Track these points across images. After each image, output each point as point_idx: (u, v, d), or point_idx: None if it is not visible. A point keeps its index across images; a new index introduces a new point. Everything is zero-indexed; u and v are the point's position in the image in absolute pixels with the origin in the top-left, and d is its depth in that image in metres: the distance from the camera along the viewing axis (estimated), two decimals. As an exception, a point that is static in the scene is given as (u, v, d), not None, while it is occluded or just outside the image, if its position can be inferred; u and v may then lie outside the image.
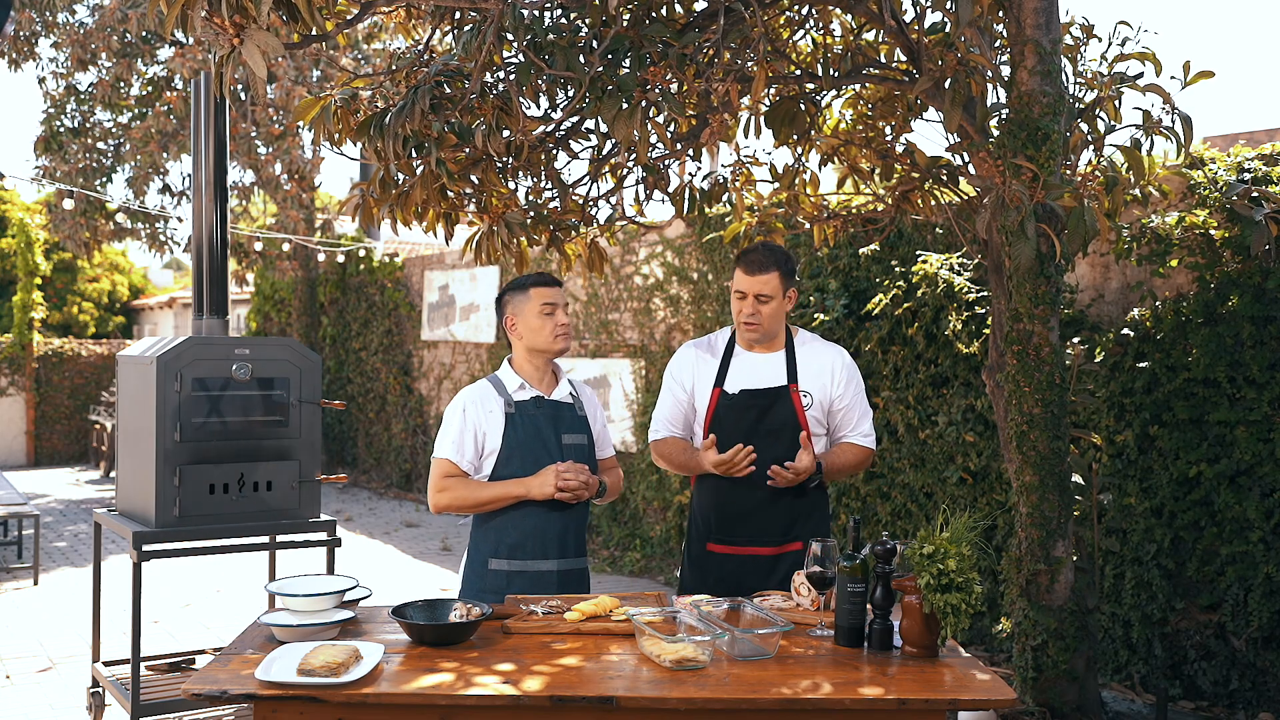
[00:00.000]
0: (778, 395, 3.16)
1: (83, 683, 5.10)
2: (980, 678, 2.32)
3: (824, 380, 3.19)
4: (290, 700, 2.19)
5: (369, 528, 9.93)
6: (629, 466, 8.33)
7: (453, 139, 3.44)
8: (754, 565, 3.16)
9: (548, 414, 3.10)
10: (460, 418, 3.05)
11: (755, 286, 3.11)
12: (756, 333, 3.17)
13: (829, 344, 3.30)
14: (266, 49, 2.79)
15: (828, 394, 3.20)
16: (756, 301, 3.13)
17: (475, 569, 3.09)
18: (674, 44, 3.41)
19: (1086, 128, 3.94)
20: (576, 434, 3.14)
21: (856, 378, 3.26)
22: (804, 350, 3.24)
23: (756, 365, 3.21)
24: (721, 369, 3.23)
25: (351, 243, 13.24)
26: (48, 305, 18.77)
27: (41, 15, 11.39)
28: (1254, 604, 4.36)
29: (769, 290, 3.11)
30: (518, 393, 3.10)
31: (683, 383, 3.29)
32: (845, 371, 3.23)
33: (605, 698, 2.17)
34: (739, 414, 3.16)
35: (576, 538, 3.13)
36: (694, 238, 7.75)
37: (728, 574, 3.17)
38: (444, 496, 3.03)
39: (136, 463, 4.30)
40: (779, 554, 3.17)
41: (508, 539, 3.04)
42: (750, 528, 3.17)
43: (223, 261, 4.48)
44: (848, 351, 3.33)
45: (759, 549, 3.17)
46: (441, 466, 3.06)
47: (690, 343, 3.37)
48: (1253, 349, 4.41)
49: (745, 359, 3.23)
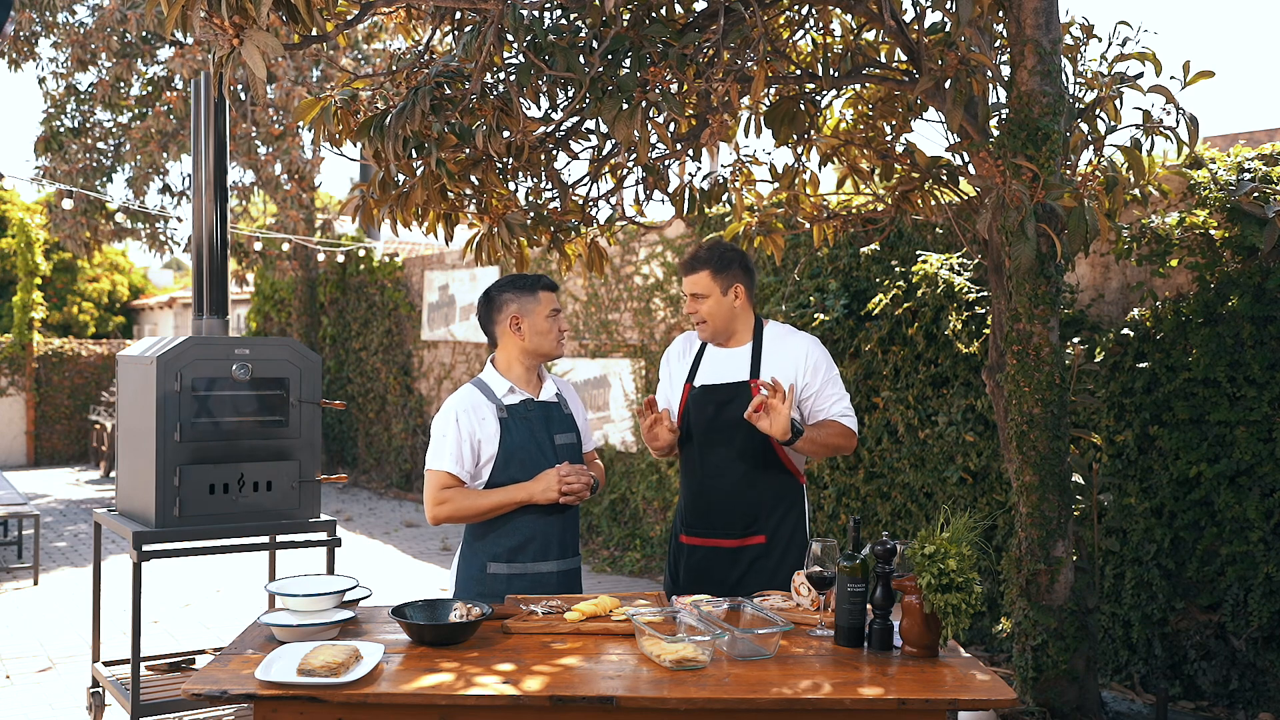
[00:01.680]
0: (736, 390, 3.19)
1: (83, 683, 5.10)
2: (980, 678, 2.32)
3: (790, 369, 3.18)
4: (290, 700, 2.19)
5: (369, 528, 9.93)
6: (629, 466, 8.33)
7: (453, 140, 3.44)
8: (716, 557, 3.19)
9: (539, 416, 3.09)
10: (454, 427, 3.00)
11: (689, 286, 3.24)
12: (704, 330, 3.27)
13: (799, 334, 3.29)
14: (266, 49, 2.79)
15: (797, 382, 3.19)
16: (694, 300, 3.23)
17: (472, 573, 3.05)
18: (674, 44, 3.41)
19: (1086, 128, 3.94)
20: (567, 433, 3.14)
21: (823, 364, 3.22)
22: (771, 344, 3.25)
23: (722, 361, 3.27)
24: (694, 365, 3.32)
25: (351, 243, 13.25)
26: (48, 305, 18.77)
27: (41, 15, 11.38)
28: (1254, 604, 4.36)
29: (701, 289, 3.21)
30: (507, 396, 3.07)
31: (671, 374, 3.40)
32: (809, 359, 3.20)
33: (605, 698, 2.17)
34: (699, 408, 3.23)
35: (572, 537, 3.14)
36: (694, 238, 7.75)
37: (694, 565, 3.23)
38: (444, 509, 2.98)
39: (136, 463, 4.30)
40: (740, 546, 3.18)
41: (507, 543, 3.02)
42: (714, 520, 3.21)
43: (223, 261, 4.48)
44: (848, 350, 3.33)
45: (721, 541, 3.20)
46: (439, 478, 2.99)
47: (682, 335, 3.47)
48: (1253, 349, 4.41)
49: (714, 355, 3.30)
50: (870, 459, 6.05)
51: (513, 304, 3.08)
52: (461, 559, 3.11)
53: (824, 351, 3.27)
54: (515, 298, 3.08)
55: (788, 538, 3.20)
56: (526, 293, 3.08)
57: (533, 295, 3.08)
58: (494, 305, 3.11)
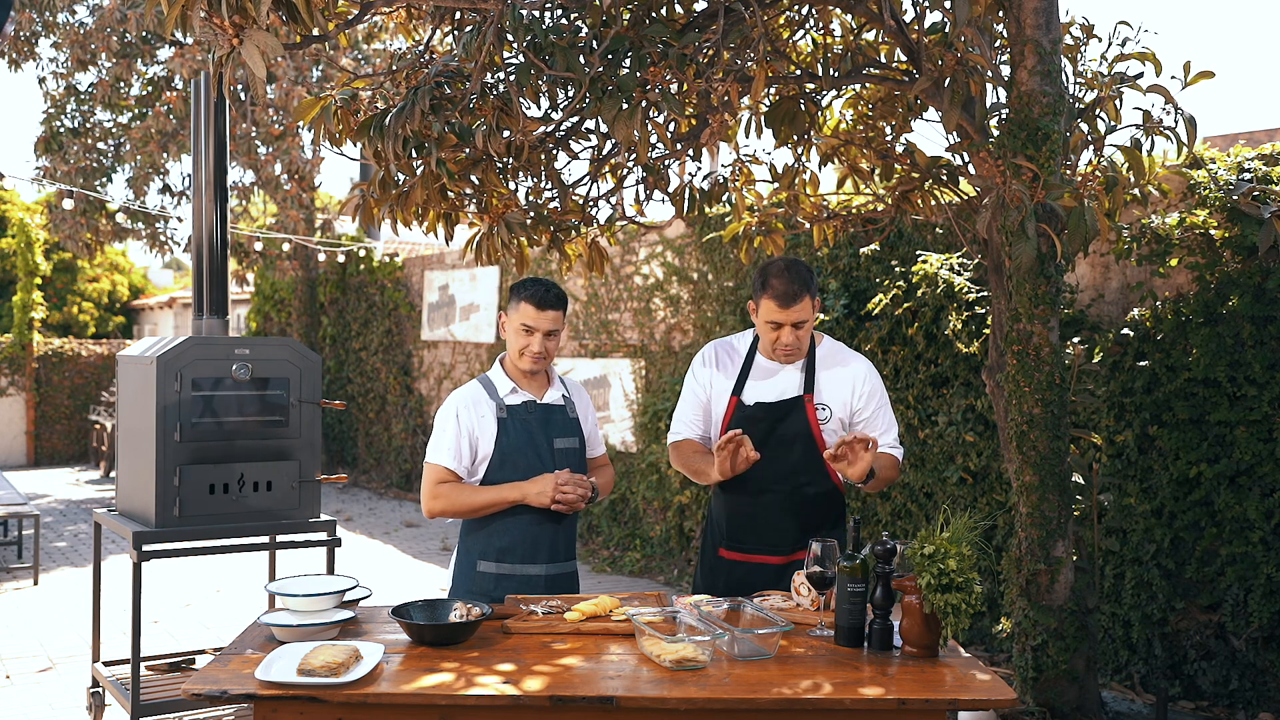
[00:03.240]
0: (791, 406, 3.10)
1: (83, 683, 5.10)
2: (980, 678, 2.32)
3: (844, 394, 3.12)
4: (290, 700, 2.19)
5: (369, 528, 9.93)
6: (629, 466, 8.33)
7: (453, 139, 3.44)
8: (762, 573, 3.13)
9: (539, 419, 3.08)
10: (454, 423, 3.02)
11: (792, 316, 3.01)
12: (794, 357, 3.11)
13: (853, 354, 3.21)
14: (266, 49, 2.79)
15: (848, 408, 3.13)
16: (794, 330, 3.03)
17: (464, 570, 3.08)
18: (674, 44, 3.41)
19: (1086, 128, 3.93)
20: (568, 438, 3.12)
21: (878, 390, 3.16)
22: (825, 360, 3.16)
23: (774, 375, 3.15)
24: (741, 378, 3.19)
25: (351, 243, 13.25)
26: (48, 305, 18.76)
27: (41, 15, 11.38)
28: (1254, 604, 4.36)
29: (804, 316, 3.02)
30: (509, 396, 3.07)
31: (705, 384, 3.25)
32: (867, 385, 3.14)
33: (605, 698, 2.17)
34: (752, 425, 3.09)
35: (566, 542, 3.11)
36: (694, 238, 7.75)
37: (737, 580, 3.15)
38: (438, 503, 3.01)
39: (136, 463, 4.30)
40: (788, 562, 3.13)
41: (497, 542, 3.03)
42: (760, 536, 3.14)
43: (223, 261, 4.47)
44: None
45: (767, 557, 3.14)
46: (436, 472, 3.02)
47: (714, 343, 3.30)
48: (1253, 349, 4.41)
49: (764, 368, 3.18)
50: (870, 459, 6.04)
51: (509, 305, 3.11)
52: (457, 556, 3.14)
53: (878, 378, 3.19)
54: (510, 298, 3.10)
55: None
56: (514, 297, 3.08)
57: (516, 303, 3.06)
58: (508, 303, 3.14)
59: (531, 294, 3.03)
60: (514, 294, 3.08)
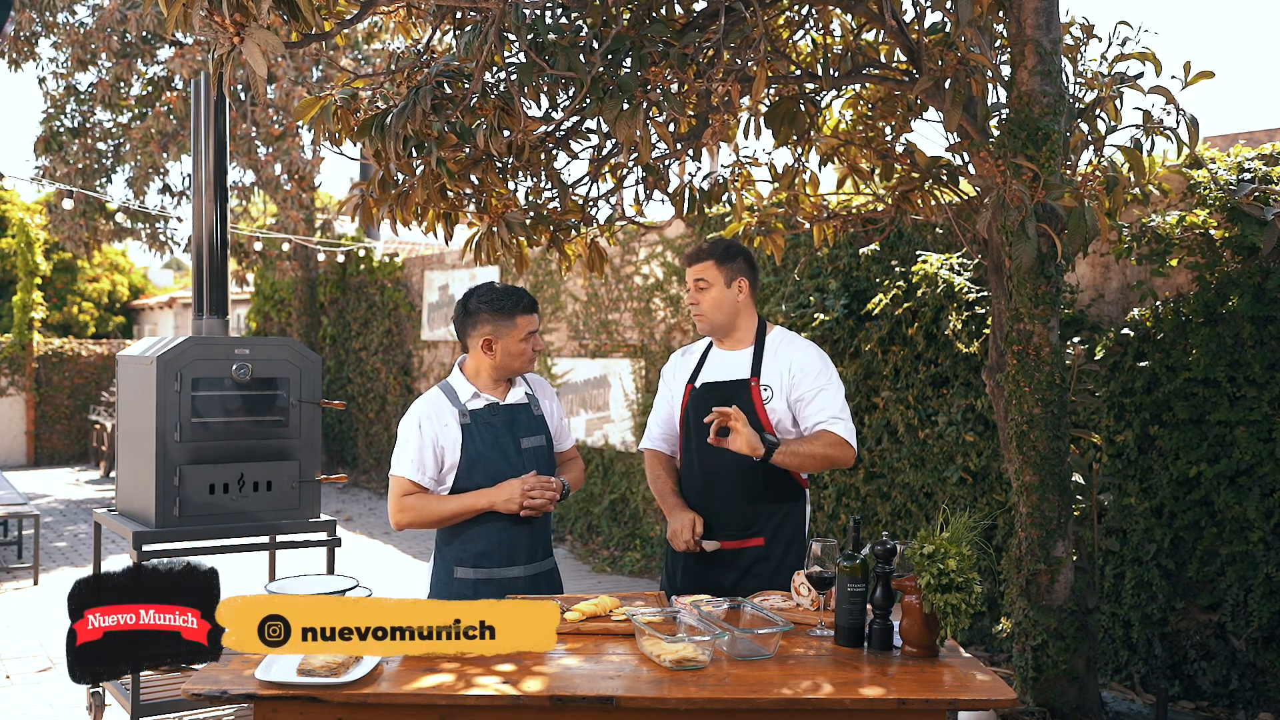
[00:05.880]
0: (737, 388, 3.19)
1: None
2: (980, 678, 2.32)
3: (783, 373, 3.18)
4: (290, 700, 2.19)
5: (369, 528, 9.93)
6: (629, 466, 8.33)
7: (453, 139, 3.44)
8: (714, 559, 3.18)
9: (503, 420, 3.05)
10: (417, 433, 2.98)
11: (692, 274, 3.26)
12: (703, 323, 3.28)
13: (802, 341, 3.30)
14: (267, 48, 2.79)
15: (785, 385, 3.17)
16: (696, 289, 3.24)
17: (441, 577, 3.06)
18: (674, 44, 3.41)
19: (1086, 128, 3.93)
20: (535, 436, 3.10)
21: (812, 370, 3.17)
22: (773, 345, 3.26)
23: (725, 361, 3.29)
24: (697, 367, 3.34)
25: (351, 243, 13.25)
26: (48, 305, 18.77)
27: (41, 15, 11.38)
28: (1254, 604, 4.36)
29: (705, 277, 3.22)
30: (471, 401, 3.05)
31: (670, 385, 3.41)
32: (804, 362, 3.18)
33: (605, 698, 2.17)
34: (700, 407, 3.20)
35: (543, 542, 3.10)
36: (694, 238, 7.75)
37: (690, 567, 3.21)
38: (405, 515, 2.98)
39: (136, 463, 4.30)
40: (739, 549, 3.17)
41: (473, 548, 3.01)
42: (713, 520, 3.19)
43: (223, 261, 4.48)
44: (848, 350, 3.33)
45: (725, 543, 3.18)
46: (400, 485, 2.99)
47: (681, 349, 3.50)
48: (1253, 349, 4.41)
49: (717, 356, 3.32)
50: (870, 459, 6.05)
51: (487, 325, 3.03)
52: (434, 564, 3.12)
53: (822, 360, 3.23)
54: (491, 320, 3.02)
55: (787, 541, 3.18)
56: (504, 317, 3.01)
57: (509, 321, 3.02)
58: (469, 320, 3.06)
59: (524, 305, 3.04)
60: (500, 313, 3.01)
